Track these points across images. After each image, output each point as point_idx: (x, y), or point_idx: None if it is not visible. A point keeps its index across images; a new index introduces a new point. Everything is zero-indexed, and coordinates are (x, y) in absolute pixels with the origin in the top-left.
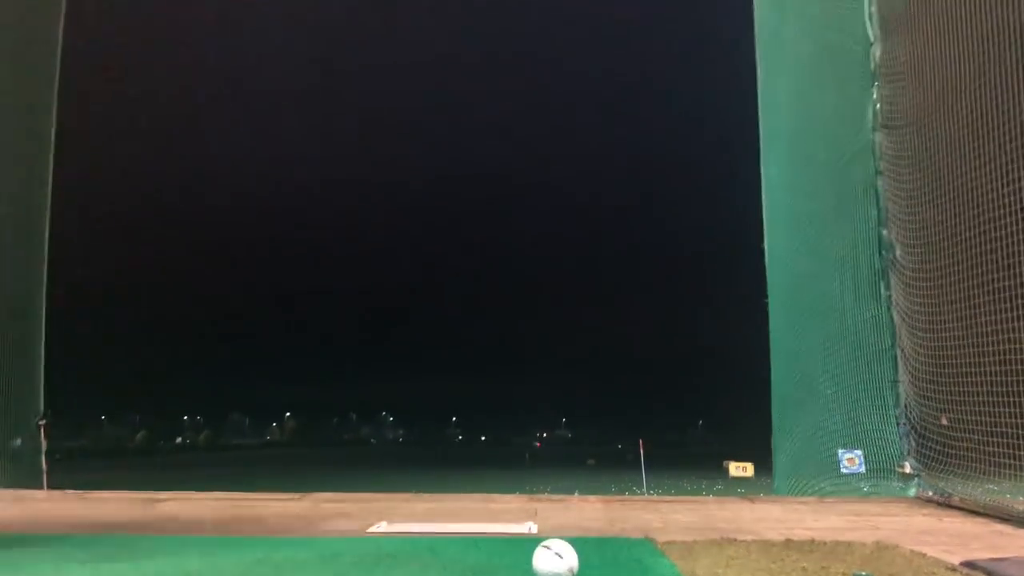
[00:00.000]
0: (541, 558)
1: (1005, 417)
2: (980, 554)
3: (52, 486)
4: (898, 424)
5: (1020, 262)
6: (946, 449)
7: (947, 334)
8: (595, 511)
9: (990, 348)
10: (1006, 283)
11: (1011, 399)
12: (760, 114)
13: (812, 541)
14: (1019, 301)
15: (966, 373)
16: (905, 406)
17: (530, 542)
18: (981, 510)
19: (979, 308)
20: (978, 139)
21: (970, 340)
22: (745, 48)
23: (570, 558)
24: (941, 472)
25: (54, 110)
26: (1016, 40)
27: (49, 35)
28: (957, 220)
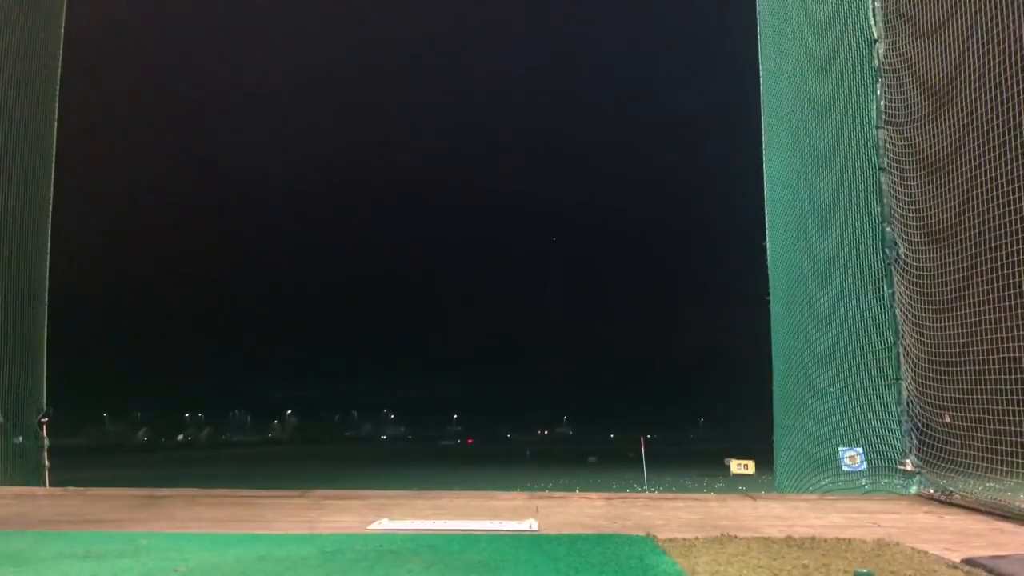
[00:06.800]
0: None
1: (1008, 415)
2: (981, 552)
3: (53, 483)
4: (900, 422)
5: None
6: (948, 447)
7: (951, 331)
8: (596, 508)
9: (994, 346)
10: (1011, 280)
11: (1015, 397)
12: (762, 111)
13: (813, 538)
14: (1023, 300)
15: (969, 371)
16: (907, 404)
17: (531, 539)
18: (982, 508)
19: (983, 305)
20: (983, 135)
21: (974, 337)
22: (747, 45)
23: None
24: (943, 470)
25: (56, 106)
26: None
27: (52, 32)
28: (962, 217)
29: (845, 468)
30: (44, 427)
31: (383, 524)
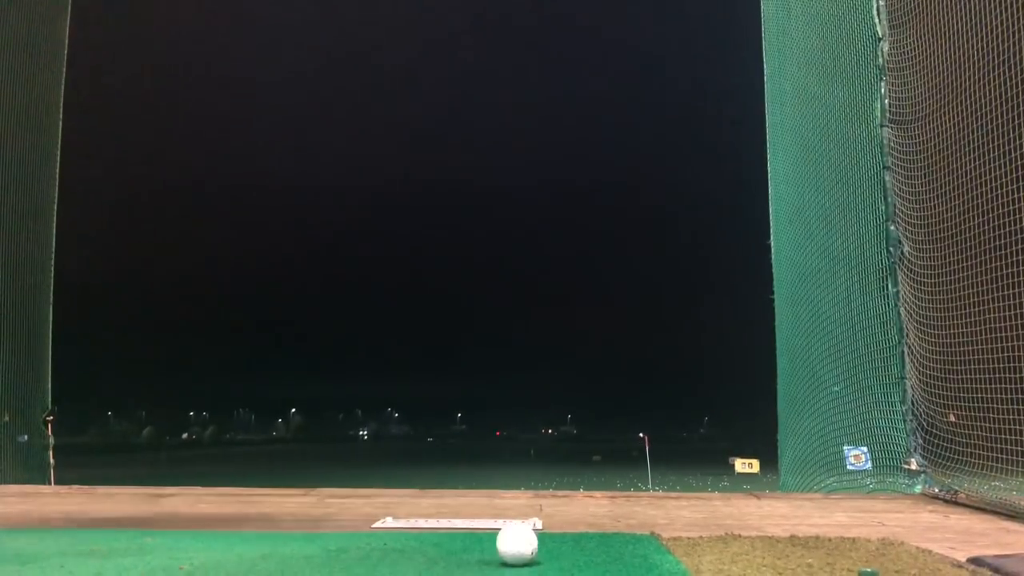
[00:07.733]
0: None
1: (1013, 414)
2: (986, 551)
3: (58, 481)
4: (905, 421)
5: None
6: (953, 446)
7: (955, 330)
8: (600, 507)
9: (999, 344)
10: (1016, 279)
11: (1019, 396)
12: (766, 110)
13: (817, 537)
14: None
15: (974, 369)
16: (912, 402)
17: (535, 537)
18: (987, 507)
19: (988, 304)
20: (987, 133)
21: (979, 336)
22: (752, 44)
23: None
24: (948, 469)
25: (61, 105)
26: None
27: (56, 30)
28: (966, 215)
29: (850, 467)
30: (49, 426)
31: (387, 523)
